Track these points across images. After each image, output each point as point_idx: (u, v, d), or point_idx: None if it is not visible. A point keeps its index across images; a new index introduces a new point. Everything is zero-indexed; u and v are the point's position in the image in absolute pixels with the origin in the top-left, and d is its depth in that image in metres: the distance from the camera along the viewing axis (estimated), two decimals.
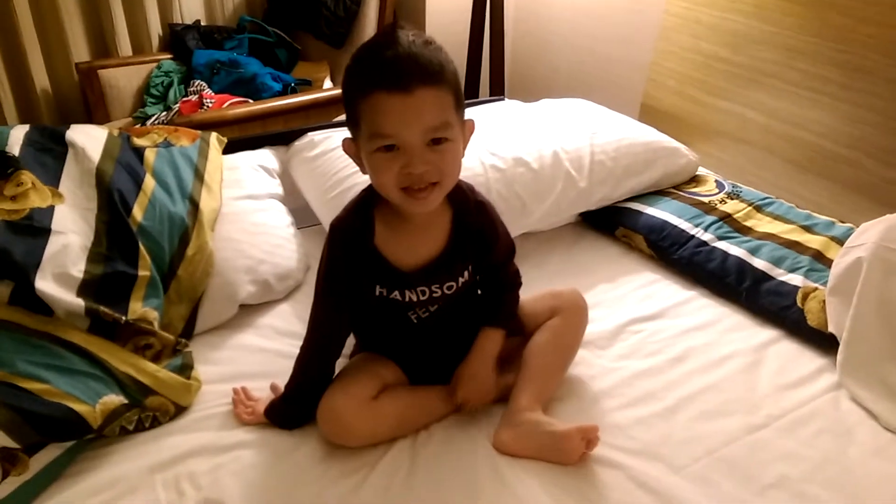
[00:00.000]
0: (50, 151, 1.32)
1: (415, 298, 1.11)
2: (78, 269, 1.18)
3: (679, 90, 2.16)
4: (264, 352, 1.32)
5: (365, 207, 1.09)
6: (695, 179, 1.84)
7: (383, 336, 1.19)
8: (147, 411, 1.13)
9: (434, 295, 1.12)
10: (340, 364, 1.19)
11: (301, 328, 1.19)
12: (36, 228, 1.18)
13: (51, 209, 1.22)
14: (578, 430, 1.06)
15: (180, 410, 1.17)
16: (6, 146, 1.29)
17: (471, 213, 1.12)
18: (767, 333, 1.39)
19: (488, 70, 2.57)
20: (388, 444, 1.11)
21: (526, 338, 1.22)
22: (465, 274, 1.15)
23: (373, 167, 1.00)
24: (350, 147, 1.05)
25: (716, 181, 1.82)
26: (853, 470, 1.08)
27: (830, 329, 1.31)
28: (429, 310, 1.15)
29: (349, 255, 1.07)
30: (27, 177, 1.24)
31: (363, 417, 1.09)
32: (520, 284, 1.24)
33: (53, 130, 1.36)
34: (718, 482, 1.05)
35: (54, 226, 1.20)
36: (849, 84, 1.73)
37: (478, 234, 1.13)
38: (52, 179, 1.28)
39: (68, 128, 1.39)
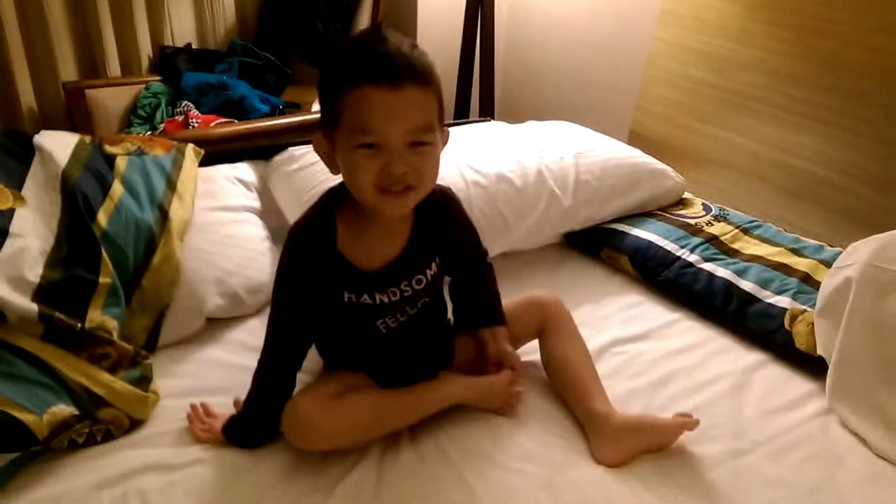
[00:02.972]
0: (15, 154, 1.28)
1: (386, 300, 1.07)
2: (35, 274, 1.13)
3: (667, 116, 2.15)
4: (230, 367, 1.26)
5: (327, 211, 1.05)
6: (681, 202, 1.81)
7: (351, 351, 1.14)
8: (99, 424, 1.07)
9: (405, 294, 1.08)
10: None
11: None
12: None
13: (10, 212, 1.18)
14: (678, 422, 1.09)
15: (135, 424, 1.11)
16: None
17: (433, 201, 1.08)
18: (754, 356, 1.34)
19: (478, 94, 2.56)
20: (353, 462, 1.05)
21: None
22: (433, 266, 1.11)
23: (350, 165, 0.96)
24: (322, 144, 1.00)
25: (703, 204, 1.79)
26: (844, 498, 1.03)
27: (819, 352, 1.26)
28: (398, 319, 1.10)
29: (311, 259, 1.03)
30: None
31: (328, 415, 1.03)
32: (490, 266, 1.27)
33: (20, 134, 1.33)
34: None
35: (13, 228, 1.16)
36: (838, 109, 1.72)
37: (440, 220, 1.11)
38: (16, 182, 1.24)
39: (38, 133, 1.35)
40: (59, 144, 1.33)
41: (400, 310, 1.10)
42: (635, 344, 1.38)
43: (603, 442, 1.08)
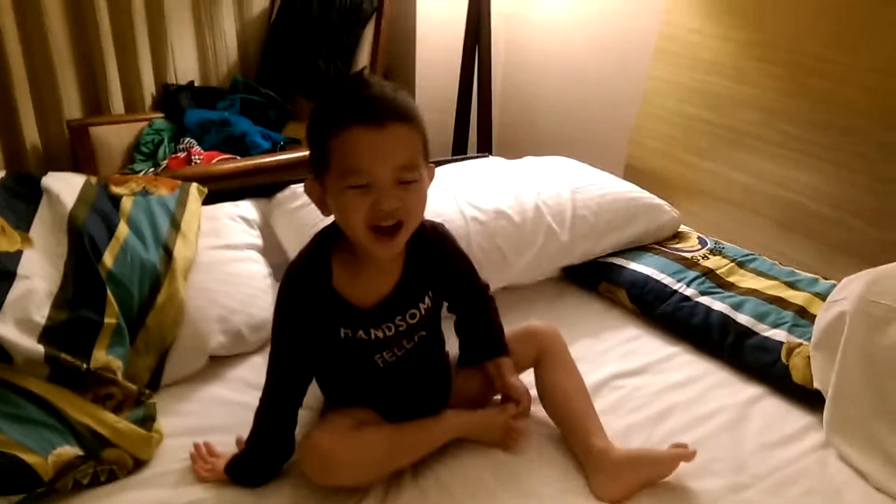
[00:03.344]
0: (23, 196, 1.31)
1: (381, 335, 1.09)
2: (41, 315, 1.15)
3: (663, 151, 2.19)
4: (233, 405, 1.27)
5: (322, 250, 1.08)
6: (677, 235, 1.84)
7: (352, 386, 1.16)
8: (104, 464, 1.08)
9: (400, 329, 1.10)
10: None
11: None
12: (0, 272, 1.15)
13: (18, 253, 1.20)
14: (675, 453, 1.10)
15: (139, 464, 1.12)
16: None
17: (423, 236, 1.11)
18: (752, 390, 1.36)
19: (476, 130, 2.60)
20: (357, 500, 1.06)
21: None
22: (426, 300, 1.13)
23: (342, 206, 1.00)
24: (314, 189, 1.04)
25: (698, 237, 1.82)
26: None
27: (816, 385, 1.28)
28: (395, 353, 1.12)
29: (308, 297, 1.06)
30: None
31: (347, 446, 1.04)
32: (492, 298, 1.29)
33: (28, 176, 1.36)
34: None
35: (20, 270, 1.18)
36: (833, 145, 1.75)
37: (433, 255, 1.13)
38: (24, 224, 1.27)
39: (45, 174, 1.38)
40: (66, 186, 1.36)
41: (397, 344, 1.12)
42: (634, 378, 1.39)
43: (603, 478, 1.09)
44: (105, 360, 1.18)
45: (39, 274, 1.20)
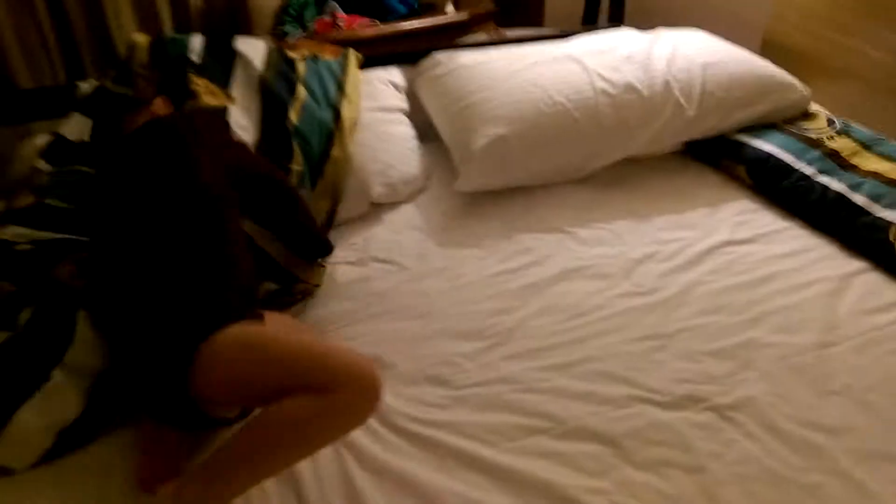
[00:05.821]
0: (222, 59, 1.55)
1: None
2: None
3: (803, 25, 2.14)
4: (390, 241, 1.53)
5: None
6: (806, 115, 1.85)
7: None
8: (296, 294, 1.34)
9: None
10: None
11: (422, 223, 1.39)
12: None
13: (224, 109, 1.45)
14: None
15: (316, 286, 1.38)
16: (187, 52, 1.53)
17: None
18: (856, 265, 1.45)
19: None
20: None
21: None
22: None
23: None
24: None
25: (827, 118, 1.83)
26: None
27: None
28: None
29: None
30: (200, 81, 1.48)
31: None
32: None
33: (223, 41, 1.59)
34: (786, 383, 1.18)
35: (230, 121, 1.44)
36: None
37: None
38: (223, 83, 1.52)
39: (235, 39, 1.61)
40: (254, 50, 1.59)
41: None
42: (743, 246, 1.52)
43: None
44: None
45: (241, 126, 1.45)
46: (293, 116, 1.51)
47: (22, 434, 1.00)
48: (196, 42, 1.56)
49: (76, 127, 1.45)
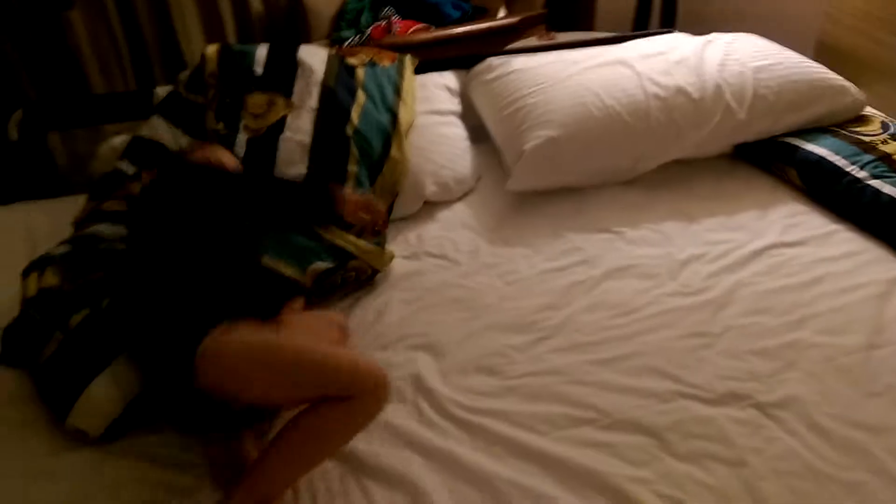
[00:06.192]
0: (285, 68, 1.64)
1: None
2: (304, 165, 1.52)
3: (858, 28, 2.12)
4: (441, 237, 1.60)
5: None
6: (859, 118, 1.84)
7: None
8: (348, 272, 1.43)
9: None
10: None
11: (474, 222, 1.44)
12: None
13: (283, 118, 1.56)
14: None
15: (375, 273, 1.46)
16: (253, 64, 1.63)
17: None
18: None
19: (660, 2, 2.60)
20: None
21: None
22: None
23: None
24: None
25: (882, 121, 1.82)
26: None
27: None
28: None
29: None
30: (256, 101, 1.58)
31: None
32: None
33: (287, 50, 1.68)
34: (830, 384, 1.20)
35: (286, 132, 1.55)
36: None
37: None
38: (287, 92, 1.61)
39: (298, 48, 1.70)
40: (315, 58, 1.68)
41: None
42: (793, 248, 1.53)
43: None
44: None
45: (302, 131, 1.55)
46: (355, 118, 1.60)
47: (95, 402, 1.12)
48: (261, 53, 1.66)
49: (156, 129, 1.58)
